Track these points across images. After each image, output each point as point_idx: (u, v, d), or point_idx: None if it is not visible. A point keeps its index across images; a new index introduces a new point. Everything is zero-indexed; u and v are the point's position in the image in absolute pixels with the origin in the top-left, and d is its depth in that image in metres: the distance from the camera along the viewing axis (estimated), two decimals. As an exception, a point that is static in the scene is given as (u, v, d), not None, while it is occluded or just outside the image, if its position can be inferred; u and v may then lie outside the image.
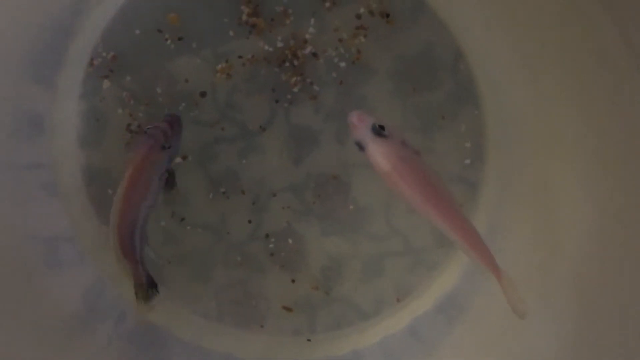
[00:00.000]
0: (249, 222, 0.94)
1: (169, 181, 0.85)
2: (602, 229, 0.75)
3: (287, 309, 0.95)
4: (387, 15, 0.90)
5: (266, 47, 0.91)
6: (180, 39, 0.91)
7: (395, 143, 0.74)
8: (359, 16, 0.91)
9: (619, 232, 0.73)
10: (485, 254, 0.74)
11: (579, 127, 0.79)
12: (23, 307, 0.82)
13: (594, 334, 0.74)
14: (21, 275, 0.84)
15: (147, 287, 0.82)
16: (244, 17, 0.91)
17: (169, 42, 0.91)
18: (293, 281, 0.95)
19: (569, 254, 0.79)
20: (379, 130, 0.73)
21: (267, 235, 0.94)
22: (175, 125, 0.84)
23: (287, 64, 0.91)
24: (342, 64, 0.91)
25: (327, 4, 0.91)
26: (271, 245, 0.94)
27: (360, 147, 0.75)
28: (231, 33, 0.91)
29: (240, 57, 0.91)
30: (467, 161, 0.92)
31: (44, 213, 0.90)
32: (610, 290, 0.73)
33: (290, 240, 0.94)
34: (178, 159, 0.92)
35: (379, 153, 0.73)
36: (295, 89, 0.92)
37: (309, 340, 0.95)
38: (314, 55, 0.91)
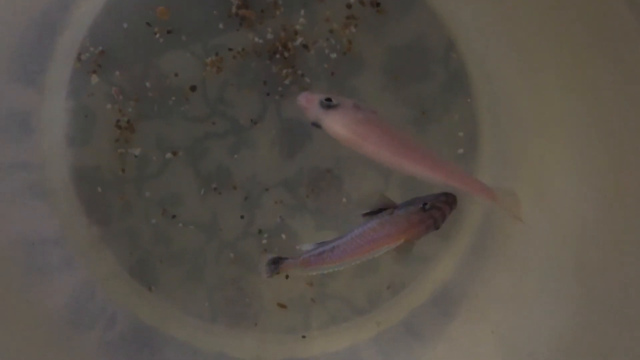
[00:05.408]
0: (242, 217, 0.93)
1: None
2: (601, 212, 0.74)
3: (282, 305, 0.94)
4: (378, 5, 0.90)
5: (256, 40, 0.90)
6: (169, 32, 0.90)
7: (347, 109, 0.73)
8: (349, 6, 0.90)
9: (618, 215, 0.72)
10: (471, 182, 0.75)
11: (574, 113, 0.79)
12: (8, 313, 0.80)
13: (595, 325, 0.73)
14: (6, 279, 0.82)
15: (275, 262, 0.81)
16: (234, 9, 0.90)
17: (157, 35, 0.90)
18: (287, 277, 0.93)
19: (567, 241, 0.79)
20: (327, 104, 0.73)
21: (260, 231, 0.93)
22: (453, 207, 0.79)
23: (278, 56, 0.91)
24: (333, 55, 0.91)
25: (317, -5, 0.91)
26: (264, 241, 0.93)
27: (317, 125, 0.75)
28: (221, 26, 0.90)
29: (230, 49, 0.90)
30: (461, 150, 0.92)
31: (31, 214, 0.88)
32: (611, 277, 0.72)
33: (283, 236, 0.93)
34: (168, 155, 0.91)
35: (334, 124, 0.73)
36: (287, 82, 0.91)
37: (303, 337, 0.94)
38: (305, 46, 0.91)
